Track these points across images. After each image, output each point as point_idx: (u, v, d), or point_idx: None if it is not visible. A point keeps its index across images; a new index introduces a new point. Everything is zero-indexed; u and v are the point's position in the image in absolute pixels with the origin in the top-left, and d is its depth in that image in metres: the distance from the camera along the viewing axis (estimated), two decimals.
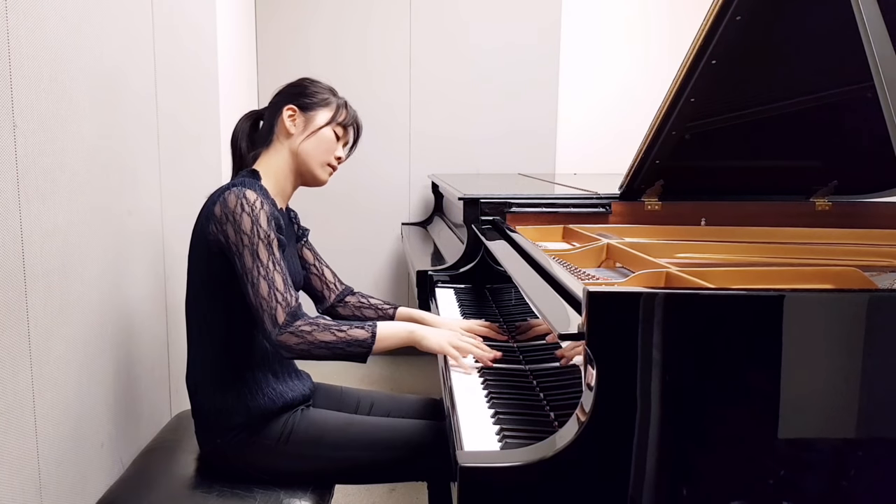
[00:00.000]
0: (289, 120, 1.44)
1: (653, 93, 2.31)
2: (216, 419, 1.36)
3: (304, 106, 1.45)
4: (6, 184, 1.11)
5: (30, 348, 1.18)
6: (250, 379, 1.37)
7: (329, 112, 1.46)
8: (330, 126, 1.46)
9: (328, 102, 1.47)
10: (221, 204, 1.31)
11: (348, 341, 1.31)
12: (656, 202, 1.98)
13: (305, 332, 1.29)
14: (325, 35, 3.46)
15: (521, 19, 3.52)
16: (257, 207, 1.30)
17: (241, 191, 1.31)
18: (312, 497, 1.34)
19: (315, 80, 1.50)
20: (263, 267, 1.29)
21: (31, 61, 1.19)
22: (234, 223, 1.29)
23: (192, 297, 1.41)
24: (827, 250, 1.58)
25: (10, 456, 1.13)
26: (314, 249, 1.66)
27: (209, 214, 1.33)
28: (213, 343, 1.38)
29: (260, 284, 1.28)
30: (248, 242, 1.29)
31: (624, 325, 0.94)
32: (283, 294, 1.29)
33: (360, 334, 1.32)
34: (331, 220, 3.50)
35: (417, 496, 2.28)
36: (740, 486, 0.96)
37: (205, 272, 1.37)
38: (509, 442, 1.06)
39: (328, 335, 1.30)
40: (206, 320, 1.39)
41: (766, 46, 1.63)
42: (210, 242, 1.32)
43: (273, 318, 1.28)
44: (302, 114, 1.45)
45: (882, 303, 0.98)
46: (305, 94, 1.46)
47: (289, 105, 1.44)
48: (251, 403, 1.35)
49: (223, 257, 1.32)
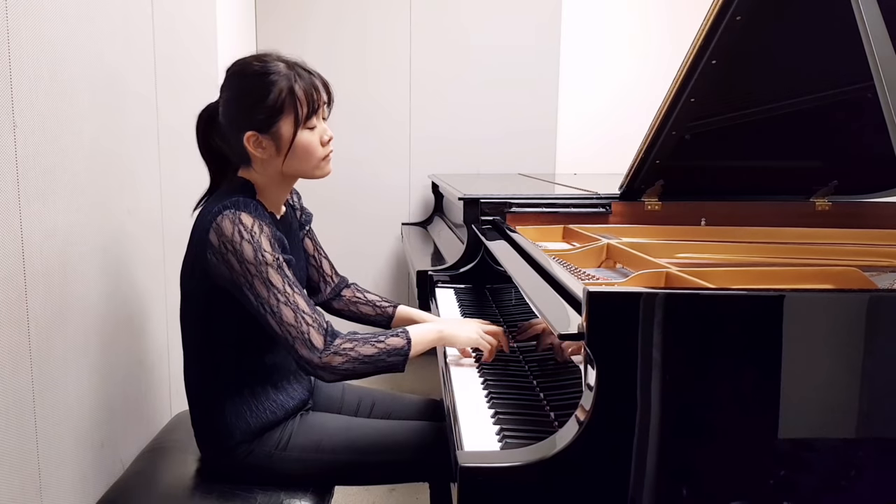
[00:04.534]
0: (257, 150, 1.26)
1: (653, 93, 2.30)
2: (216, 437, 1.34)
3: (261, 125, 1.24)
4: (6, 184, 1.11)
5: (30, 348, 1.18)
6: (249, 396, 1.33)
7: (289, 116, 1.25)
8: (300, 129, 1.26)
9: (280, 103, 1.24)
10: (216, 232, 1.20)
11: (388, 351, 1.24)
12: (656, 202, 1.98)
13: (348, 349, 1.21)
14: (324, 35, 3.46)
15: (520, 19, 3.52)
16: (256, 233, 1.20)
17: (235, 215, 1.20)
18: (312, 498, 1.34)
19: (245, 73, 1.27)
20: (281, 293, 1.20)
21: (31, 61, 1.19)
22: (236, 253, 1.19)
23: (187, 317, 1.35)
24: (827, 250, 1.58)
25: (10, 456, 1.13)
26: (315, 239, 1.60)
27: (205, 242, 1.22)
28: (210, 365, 1.33)
29: (283, 312, 1.19)
30: (255, 272, 1.19)
31: (624, 325, 0.94)
32: (311, 315, 1.21)
33: (397, 342, 1.26)
34: (331, 220, 3.50)
35: (417, 496, 2.28)
36: (740, 486, 0.96)
37: (203, 299, 1.29)
38: (509, 442, 1.06)
39: (369, 348, 1.23)
40: (204, 343, 1.33)
41: (766, 46, 1.63)
42: (210, 273, 1.23)
43: (308, 343, 1.19)
44: (266, 136, 1.25)
45: (882, 303, 0.98)
46: (251, 108, 1.24)
47: (246, 133, 1.25)
48: (251, 420, 1.32)
49: (224, 288, 1.23)
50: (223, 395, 1.32)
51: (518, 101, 3.56)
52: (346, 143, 3.49)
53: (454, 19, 3.51)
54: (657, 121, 1.74)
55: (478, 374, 1.35)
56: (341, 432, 1.38)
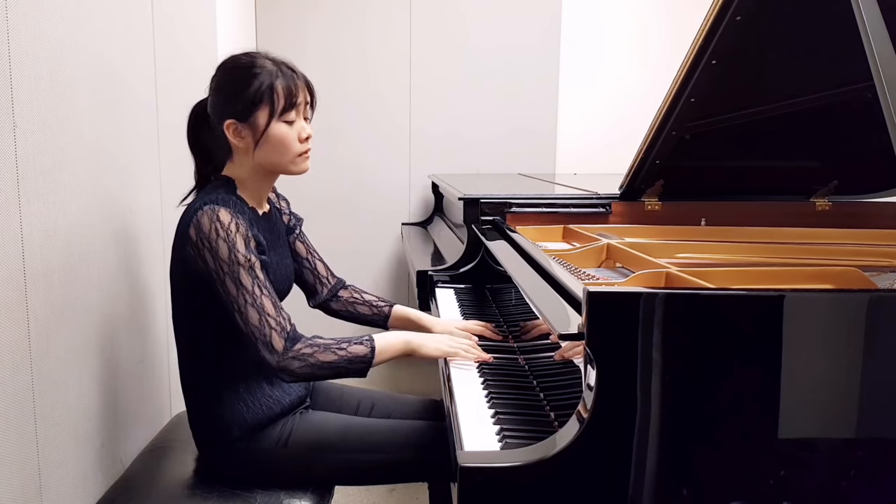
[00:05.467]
0: (234, 137, 1.31)
1: (653, 93, 2.31)
2: (213, 433, 1.35)
3: (240, 114, 1.30)
4: (6, 184, 1.11)
5: (30, 348, 1.18)
6: (244, 391, 1.34)
7: (265, 107, 1.29)
8: (275, 120, 1.30)
9: (257, 97, 1.28)
10: (195, 227, 1.24)
11: (350, 359, 1.28)
12: (656, 202, 1.98)
13: (307, 354, 1.25)
14: (324, 35, 3.46)
15: (521, 19, 3.52)
16: (232, 231, 1.23)
17: (214, 211, 1.24)
18: (312, 498, 1.34)
19: (230, 66, 1.33)
20: (249, 294, 1.23)
21: (31, 61, 1.19)
22: (211, 250, 1.23)
23: (177, 313, 1.37)
24: (827, 250, 1.58)
25: (10, 456, 1.13)
26: (307, 242, 1.61)
27: (184, 235, 1.27)
28: (203, 360, 1.35)
29: (249, 313, 1.23)
30: (227, 270, 1.23)
31: (624, 325, 0.94)
32: (275, 319, 1.24)
33: (360, 350, 1.29)
34: (331, 219, 3.50)
35: (417, 496, 2.28)
36: (740, 486, 0.96)
37: (187, 292, 1.33)
38: (509, 442, 1.06)
39: (330, 355, 1.27)
40: (194, 337, 1.36)
41: (766, 46, 1.63)
42: (188, 266, 1.28)
43: (269, 346, 1.23)
44: (244, 124, 1.30)
45: (882, 303, 0.98)
46: (232, 99, 1.30)
47: (227, 121, 1.30)
48: (248, 415, 1.34)
49: (204, 280, 1.27)
50: (217, 389, 1.34)
51: (518, 101, 3.56)
52: (346, 143, 3.49)
53: (454, 19, 3.51)
54: (657, 121, 1.74)
55: (478, 374, 1.35)
56: (341, 430, 1.38)
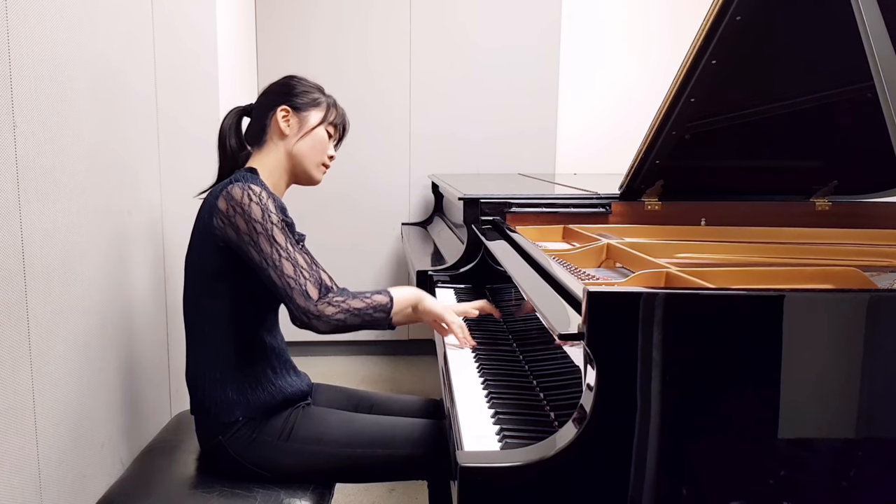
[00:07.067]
0: (283, 121, 1.44)
1: (653, 93, 2.31)
2: (217, 414, 1.37)
3: (297, 106, 1.46)
4: (6, 184, 1.11)
5: (30, 348, 1.18)
6: (250, 374, 1.38)
7: (321, 112, 1.48)
8: (323, 125, 1.48)
9: (319, 102, 1.48)
10: (226, 197, 1.32)
11: (374, 306, 1.35)
12: (656, 202, 1.98)
13: (339, 301, 1.32)
14: (325, 35, 3.46)
15: (521, 19, 3.52)
16: (264, 197, 1.32)
17: (245, 184, 1.33)
18: (313, 496, 1.34)
19: (301, 78, 1.50)
20: (283, 249, 1.31)
21: (31, 61, 1.19)
22: (244, 213, 1.30)
23: (191, 293, 1.41)
24: (827, 250, 1.58)
25: (10, 456, 1.13)
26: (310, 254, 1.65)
27: (212, 209, 1.33)
28: (213, 339, 1.38)
29: (284, 265, 1.30)
30: (261, 230, 1.30)
31: (624, 325, 0.94)
32: (308, 270, 1.32)
33: (382, 299, 1.37)
34: (331, 220, 3.50)
35: (417, 496, 2.28)
36: (740, 486, 0.96)
37: (209, 266, 1.37)
38: (509, 442, 1.06)
39: (358, 302, 1.34)
40: (207, 315, 1.38)
41: (766, 46, 1.63)
42: (216, 237, 1.33)
43: (305, 293, 1.30)
44: (295, 114, 1.45)
45: (882, 303, 0.98)
46: (296, 93, 1.47)
47: (282, 106, 1.45)
48: (251, 397, 1.36)
49: (229, 251, 1.33)
50: (224, 373, 1.37)
51: (518, 101, 3.56)
52: (347, 143, 3.48)
53: (454, 19, 3.51)
54: (657, 121, 1.74)
55: (478, 374, 1.35)
56: (343, 425, 1.40)
